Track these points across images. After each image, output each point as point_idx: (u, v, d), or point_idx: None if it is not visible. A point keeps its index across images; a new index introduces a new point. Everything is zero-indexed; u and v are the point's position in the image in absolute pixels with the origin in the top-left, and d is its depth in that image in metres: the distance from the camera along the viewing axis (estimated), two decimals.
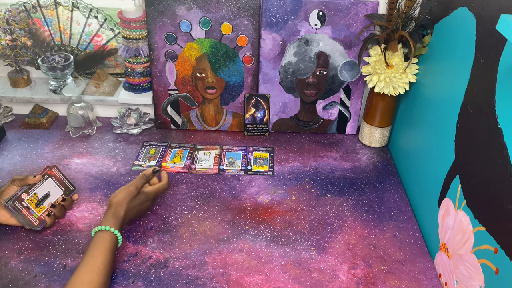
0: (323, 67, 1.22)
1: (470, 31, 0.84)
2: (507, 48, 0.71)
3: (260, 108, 1.28)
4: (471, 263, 0.79)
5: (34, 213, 0.94)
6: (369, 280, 0.89)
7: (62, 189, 1.01)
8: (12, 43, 1.26)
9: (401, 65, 1.11)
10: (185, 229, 0.99)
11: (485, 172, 0.77)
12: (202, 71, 1.23)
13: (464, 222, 0.83)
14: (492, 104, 0.75)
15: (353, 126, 1.32)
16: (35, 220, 0.94)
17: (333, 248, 0.96)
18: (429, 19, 1.04)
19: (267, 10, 1.15)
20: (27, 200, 0.93)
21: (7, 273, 0.87)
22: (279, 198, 1.09)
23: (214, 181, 1.13)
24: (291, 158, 1.23)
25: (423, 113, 1.07)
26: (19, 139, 1.25)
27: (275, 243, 0.97)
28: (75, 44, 1.31)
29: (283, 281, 0.88)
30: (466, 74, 0.85)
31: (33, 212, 0.94)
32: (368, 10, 1.14)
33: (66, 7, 1.26)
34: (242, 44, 1.20)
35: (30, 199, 0.93)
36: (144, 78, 1.29)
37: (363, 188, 1.13)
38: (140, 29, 1.20)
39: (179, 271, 0.89)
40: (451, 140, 0.90)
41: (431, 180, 0.99)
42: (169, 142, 1.27)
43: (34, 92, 1.33)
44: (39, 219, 0.95)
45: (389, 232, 1.00)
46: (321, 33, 1.17)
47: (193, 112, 1.30)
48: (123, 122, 1.30)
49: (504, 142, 0.71)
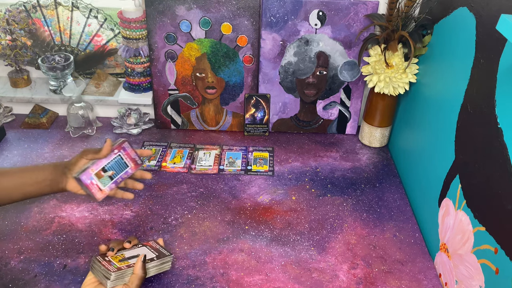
0: (323, 67, 1.22)
1: (470, 31, 0.84)
2: (507, 48, 0.71)
3: (260, 108, 1.28)
4: (471, 263, 0.79)
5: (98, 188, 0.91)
6: (369, 280, 0.89)
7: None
8: (12, 43, 1.26)
9: (401, 65, 1.11)
10: (185, 229, 0.99)
11: (485, 172, 0.77)
12: (202, 71, 1.23)
13: (464, 222, 0.83)
14: (492, 104, 0.75)
15: (353, 126, 1.32)
16: (97, 194, 0.91)
17: (333, 248, 0.96)
18: (429, 19, 1.04)
19: (267, 10, 1.15)
20: (95, 174, 0.90)
21: (7, 273, 0.87)
22: (279, 198, 1.09)
23: (214, 181, 1.13)
24: (291, 158, 1.23)
25: (423, 113, 1.07)
26: (19, 139, 1.25)
27: (275, 243, 0.97)
28: (75, 44, 1.31)
29: (283, 281, 0.88)
30: (466, 74, 0.85)
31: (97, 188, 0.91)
32: (368, 10, 1.14)
33: (66, 7, 1.26)
34: (242, 44, 1.20)
35: (98, 173, 0.91)
36: (144, 78, 1.29)
37: (363, 188, 1.13)
38: (140, 29, 1.20)
39: (179, 271, 0.89)
40: (451, 140, 0.90)
41: (431, 180, 0.99)
42: (169, 142, 1.27)
43: (34, 92, 1.33)
44: (102, 193, 0.92)
45: (389, 232, 1.00)
46: (321, 33, 1.17)
47: (193, 112, 1.30)
48: (123, 122, 1.30)
49: (504, 142, 0.71)
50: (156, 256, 0.85)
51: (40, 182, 0.90)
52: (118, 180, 0.93)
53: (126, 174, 0.95)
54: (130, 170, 0.95)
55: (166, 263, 0.86)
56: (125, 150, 0.94)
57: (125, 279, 0.79)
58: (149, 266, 0.82)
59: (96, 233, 0.97)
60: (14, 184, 0.89)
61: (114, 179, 0.93)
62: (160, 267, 0.84)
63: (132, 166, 0.95)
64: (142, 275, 0.79)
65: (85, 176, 0.89)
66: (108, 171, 0.92)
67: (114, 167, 0.93)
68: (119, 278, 0.78)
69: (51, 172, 0.91)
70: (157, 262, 0.83)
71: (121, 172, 0.94)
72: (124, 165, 0.95)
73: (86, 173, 0.89)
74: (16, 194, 0.90)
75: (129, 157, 0.95)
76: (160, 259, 0.84)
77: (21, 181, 0.90)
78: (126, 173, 0.94)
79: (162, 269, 0.85)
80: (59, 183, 0.91)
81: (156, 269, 0.84)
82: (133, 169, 0.95)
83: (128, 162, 0.95)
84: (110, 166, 0.92)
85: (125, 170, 0.94)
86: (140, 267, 0.80)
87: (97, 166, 0.90)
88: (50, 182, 0.90)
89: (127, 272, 0.79)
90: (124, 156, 0.94)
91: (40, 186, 0.90)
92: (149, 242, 0.89)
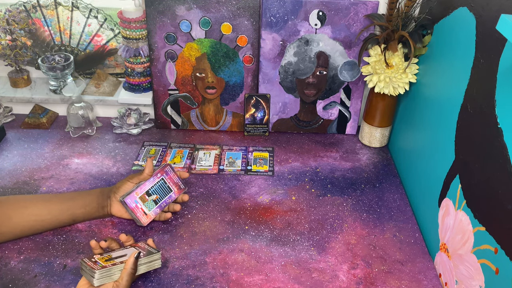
0: (323, 67, 1.22)
1: (470, 31, 0.84)
2: (507, 48, 0.71)
3: (260, 108, 1.28)
4: (471, 263, 0.79)
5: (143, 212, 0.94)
6: (369, 280, 0.89)
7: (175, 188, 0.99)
8: (12, 43, 1.26)
9: (401, 65, 1.11)
10: (185, 229, 0.99)
11: (485, 172, 0.77)
12: (202, 71, 1.23)
13: (464, 222, 0.83)
14: (492, 104, 0.75)
15: (353, 126, 1.32)
16: (142, 218, 0.94)
17: (333, 248, 0.96)
18: (429, 19, 1.04)
19: (267, 10, 1.15)
20: (139, 198, 0.94)
21: (7, 273, 0.87)
22: (279, 198, 1.09)
23: (214, 181, 1.13)
24: (291, 158, 1.23)
25: (423, 113, 1.07)
26: (19, 139, 1.25)
27: (275, 243, 0.97)
28: (75, 44, 1.31)
29: (283, 281, 0.88)
30: (466, 74, 0.85)
31: (141, 212, 0.94)
32: (368, 10, 1.14)
33: (66, 7, 1.26)
34: (242, 44, 1.20)
35: (142, 197, 0.94)
36: (144, 78, 1.29)
37: (363, 188, 1.13)
38: (140, 29, 1.20)
39: (179, 271, 0.89)
40: (451, 140, 0.90)
41: (431, 180, 0.99)
42: (169, 142, 1.27)
43: (34, 92, 1.33)
44: (147, 217, 0.95)
45: (389, 232, 1.00)
46: (321, 33, 1.17)
47: (193, 112, 1.30)
48: (123, 122, 1.30)
49: (504, 142, 0.71)
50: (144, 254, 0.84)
51: (87, 205, 0.94)
52: (162, 205, 0.97)
53: (170, 199, 0.98)
54: (174, 194, 0.98)
55: (155, 260, 0.85)
56: (168, 174, 0.98)
57: (113, 277, 0.79)
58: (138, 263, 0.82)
59: (96, 233, 0.97)
60: (63, 208, 0.94)
61: (159, 204, 0.96)
62: (149, 264, 0.84)
63: (175, 191, 0.98)
64: (131, 271, 0.79)
65: (130, 199, 0.92)
66: (152, 195, 0.95)
67: (158, 191, 0.96)
68: (105, 276, 0.78)
69: (98, 196, 0.96)
70: (145, 259, 0.83)
71: (165, 197, 0.97)
72: (168, 190, 0.98)
73: (131, 197, 0.92)
74: (64, 218, 0.94)
75: (172, 181, 0.98)
76: (147, 256, 0.84)
77: (70, 204, 0.94)
78: (170, 198, 0.98)
79: (151, 266, 0.85)
80: (105, 207, 0.95)
81: (146, 267, 0.84)
82: (176, 193, 0.98)
83: (172, 187, 0.98)
84: (154, 190, 0.95)
85: (169, 195, 0.98)
86: (132, 262, 0.80)
87: (141, 190, 0.94)
88: (96, 205, 0.95)
89: (113, 269, 0.79)
90: (167, 180, 0.98)
91: (87, 209, 0.95)
92: (138, 243, 0.89)
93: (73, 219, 0.95)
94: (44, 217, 0.92)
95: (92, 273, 0.77)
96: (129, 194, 0.93)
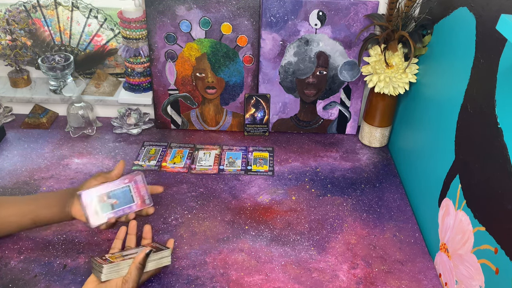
0: (323, 67, 1.22)
1: (470, 31, 0.84)
2: (507, 48, 0.71)
3: (260, 108, 1.28)
4: (471, 263, 0.79)
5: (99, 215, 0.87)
6: (369, 280, 0.89)
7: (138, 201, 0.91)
8: (12, 43, 1.26)
9: (401, 65, 1.11)
10: (185, 229, 0.99)
11: (485, 172, 0.77)
12: (202, 71, 1.23)
13: (464, 222, 0.83)
14: (492, 104, 0.75)
15: (353, 126, 1.32)
16: (92, 217, 0.87)
17: (333, 248, 0.96)
18: (429, 19, 1.04)
19: (267, 10, 1.15)
20: (97, 196, 0.87)
21: (7, 273, 0.87)
22: (279, 198, 1.09)
23: (214, 181, 1.13)
24: (291, 158, 1.23)
25: (423, 113, 1.07)
26: (19, 139, 1.25)
27: (275, 243, 0.97)
28: (75, 44, 1.31)
29: (283, 281, 0.88)
30: (466, 74, 0.85)
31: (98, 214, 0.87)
32: (368, 10, 1.14)
33: (66, 7, 1.26)
34: (242, 44, 1.20)
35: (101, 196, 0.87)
36: (144, 78, 1.29)
37: (363, 188, 1.13)
38: (140, 29, 1.20)
39: (179, 271, 0.89)
40: (451, 140, 0.90)
41: (431, 180, 0.99)
42: (169, 142, 1.27)
43: (34, 92, 1.33)
44: (98, 217, 0.88)
45: (389, 232, 1.00)
46: (321, 33, 1.17)
47: (193, 112, 1.30)
48: (123, 122, 1.30)
49: (504, 142, 0.71)
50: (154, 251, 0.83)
51: (52, 206, 0.87)
52: (118, 212, 0.88)
53: (129, 209, 0.89)
54: (135, 206, 0.90)
55: (165, 257, 0.84)
56: (136, 184, 0.90)
57: (121, 272, 0.79)
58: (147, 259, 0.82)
59: (96, 233, 0.97)
60: (28, 209, 0.87)
61: (115, 209, 0.88)
62: (158, 261, 0.83)
63: (137, 203, 0.90)
64: (139, 266, 0.79)
65: (86, 194, 0.85)
66: (111, 198, 0.88)
67: (119, 196, 0.88)
68: (113, 271, 0.77)
69: (62, 194, 0.89)
70: (154, 255, 0.82)
71: (124, 205, 0.89)
72: (130, 199, 0.90)
73: (89, 192, 0.85)
74: (26, 220, 0.87)
75: (138, 193, 0.90)
76: (157, 253, 0.83)
77: (36, 203, 0.88)
78: (130, 208, 0.89)
79: (160, 263, 0.84)
80: (66, 206, 0.88)
81: (155, 263, 0.83)
82: (138, 206, 0.90)
83: (135, 197, 0.90)
84: (115, 194, 0.88)
85: (129, 205, 0.89)
86: (141, 257, 0.79)
87: (102, 189, 0.87)
88: (59, 204, 0.88)
89: (122, 264, 0.78)
90: (133, 189, 0.90)
91: (51, 210, 0.87)
92: (152, 243, 0.89)
93: (35, 223, 0.88)
94: (10, 219, 0.87)
95: (100, 268, 0.77)
96: (88, 190, 0.86)
